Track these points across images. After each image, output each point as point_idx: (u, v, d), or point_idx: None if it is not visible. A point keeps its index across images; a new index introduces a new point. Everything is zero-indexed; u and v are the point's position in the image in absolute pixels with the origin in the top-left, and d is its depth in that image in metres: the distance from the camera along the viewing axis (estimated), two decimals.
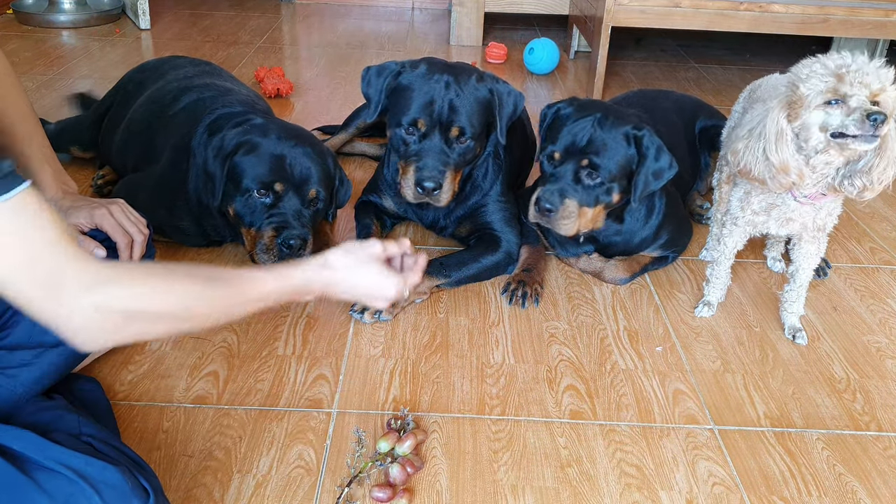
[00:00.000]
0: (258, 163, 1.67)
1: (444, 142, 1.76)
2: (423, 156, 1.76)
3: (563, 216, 1.71)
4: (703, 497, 1.32)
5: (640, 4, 3.10)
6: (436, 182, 1.74)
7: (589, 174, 1.71)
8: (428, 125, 1.75)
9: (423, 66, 1.81)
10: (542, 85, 3.49)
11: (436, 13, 4.68)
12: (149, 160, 1.95)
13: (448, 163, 1.77)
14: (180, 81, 2.06)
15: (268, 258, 1.66)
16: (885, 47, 3.88)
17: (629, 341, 1.72)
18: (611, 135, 1.70)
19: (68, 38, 3.75)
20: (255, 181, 1.67)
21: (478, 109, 1.78)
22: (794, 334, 1.74)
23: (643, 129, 1.72)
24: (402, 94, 1.78)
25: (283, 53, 3.74)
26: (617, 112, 1.76)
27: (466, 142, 1.78)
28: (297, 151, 1.71)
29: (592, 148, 1.70)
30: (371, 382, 1.54)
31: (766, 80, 1.88)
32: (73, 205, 1.41)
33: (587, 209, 1.73)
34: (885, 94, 1.37)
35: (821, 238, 1.66)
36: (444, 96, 1.75)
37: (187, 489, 1.27)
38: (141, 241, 1.46)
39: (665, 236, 1.92)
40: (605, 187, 1.72)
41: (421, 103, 1.75)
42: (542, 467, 1.36)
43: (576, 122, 1.72)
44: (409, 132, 1.77)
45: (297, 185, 1.69)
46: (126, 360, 1.56)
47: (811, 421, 1.51)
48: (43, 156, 1.43)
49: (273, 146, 1.69)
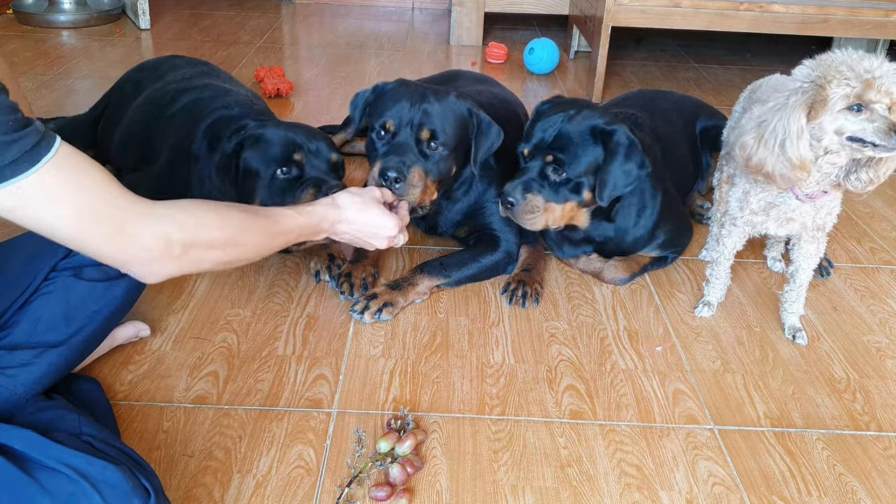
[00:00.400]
0: (268, 147, 1.67)
1: (416, 143, 1.72)
2: (390, 152, 1.71)
3: (525, 210, 1.71)
4: (703, 497, 1.32)
5: (640, 4, 3.10)
6: (398, 172, 1.65)
7: (554, 170, 1.71)
8: (397, 126, 1.72)
9: (401, 81, 1.81)
10: (542, 85, 3.49)
11: (436, 13, 4.68)
12: (148, 160, 1.95)
13: (417, 161, 1.70)
14: (178, 82, 2.06)
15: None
16: (885, 47, 3.88)
17: (629, 341, 1.72)
18: (577, 130, 1.70)
19: (68, 38, 3.75)
20: (273, 163, 1.66)
21: (452, 121, 1.74)
22: (794, 334, 1.74)
23: (615, 125, 1.70)
24: (378, 105, 1.78)
25: (283, 53, 3.75)
26: (593, 108, 1.76)
27: (439, 148, 1.72)
28: (298, 130, 1.72)
29: (557, 143, 1.70)
30: (371, 382, 1.54)
31: (767, 80, 1.88)
32: None
33: (554, 205, 1.73)
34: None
35: (820, 238, 1.66)
36: (419, 104, 1.72)
37: (187, 489, 1.27)
38: None
39: (662, 236, 1.92)
40: (573, 184, 1.71)
41: (393, 108, 1.73)
42: (542, 467, 1.36)
43: (548, 119, 1.73)
44: (379, 136, 1.74)
45: (313, 152, 1.70)
46: (126, 360, 1.56)
47: (811, 421, 1.51)
48: None
49: (275, 131, 1.70)
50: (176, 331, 1.66)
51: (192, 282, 1.83)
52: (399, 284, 1.78)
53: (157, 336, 1.64)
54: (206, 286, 1.82)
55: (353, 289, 1.78)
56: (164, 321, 1.68)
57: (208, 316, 1.71)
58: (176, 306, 1.74)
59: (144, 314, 1.69)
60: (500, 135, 1.81)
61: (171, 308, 1.73)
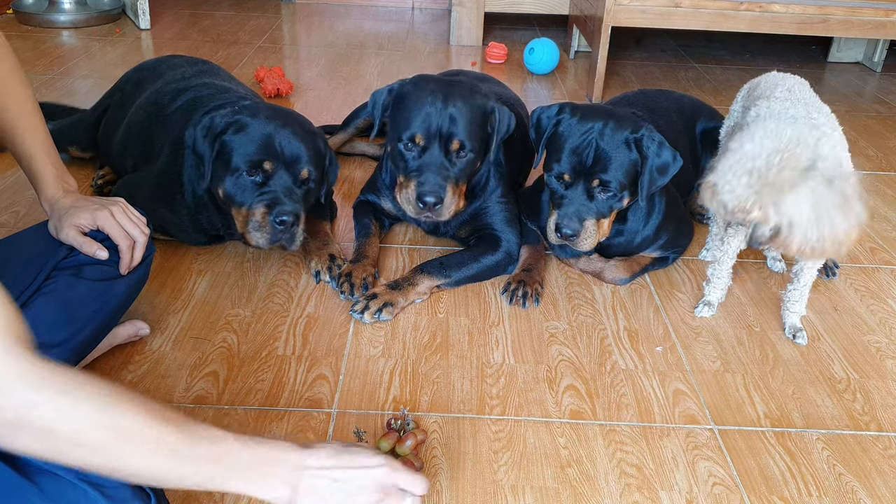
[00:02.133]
0: (247, 142, 1.66)
1: (445, 155, 1.75)
2: (424, 170, 1.74)
3: (585, 237, 1.75)
4: (703, 497, 1.32)
5: (640, 4, 3.10)
6: (437, 197, 1.72)
7: (601, 190, 1.73)
8: (426, 139, 1.74)
9: (422, 81, 1.81)
10: (542, 85, 3.49)
11: (436, 13, 4.68)
12: (147, 160, 1.95)
13: (449, 177, 1.75)
14: (178, 82, 2.06)
15: (261, 236, 1.65)
16: (885, 47, 3.88)
17: (629, 341, 1.72)
18: (613, 145, 1.72)
19: (68, 38, 3.75)
20: (244, 160, 1.65)
21: (477, 123, 1.77)
22: (795, 334, 1.74)
23: (641, 129, 1.73)
24: (401, 109, 1.78)
25: (283, 53, 3.74)
26: (615, 117, 1.76)
27: (467, 155, 1.76)
28: (286, 131, 1.69)
29: (600, 165, 1.71)
30: (371, 382, 1.54)
31: (764, 77, 1.88)
32: (73, 204, 1.41)
33: (604, 220, 1.77)
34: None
35: None
36: (443, 110, 1.73)
37: (187, 489, 1.27)
38: (143, 241, 1.46)
39: (665, 237, 1.92)
40: (617, 197, 1.75)
41: (420, 117, 1.73)
42: (542, 467, 1.36)
43: (579, 138, 1.72)
44: (407, 147, 1.75)
45: (287, 163, 1.68)
46: (126, 360, 1.56)
47: (811, 421, 1.51)
48: (45, 155, 1.43)
49: (262, 126, 1.68)
50: (176, 331, 1.66)
51: (192, 282, 1.83)
52: (399, 284, 1.78)
53: (157, 336, 1.64)
54: (206, 286, 1.82)
55: (353, 289, 1.78)
56: (164, 321, 1.68)
57: (208, 316, 1.71)
58: (176, 306, 1.74)
59: (144, 314, 1.68)
60: (511, 118, 1.84)
61: (171, 308, 1.73)
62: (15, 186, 2.21)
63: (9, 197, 2.15)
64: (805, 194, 1.32)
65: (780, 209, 1.34)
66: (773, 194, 1.33)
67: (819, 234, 1.34)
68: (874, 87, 3.68)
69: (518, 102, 2.28)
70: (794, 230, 1.34)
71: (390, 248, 2.04)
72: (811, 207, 1.33)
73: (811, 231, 1.34)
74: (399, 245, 2.06)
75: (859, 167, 2.70)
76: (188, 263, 1.90)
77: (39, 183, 1.43)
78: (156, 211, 1.77)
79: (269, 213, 1.64)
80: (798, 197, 1.32)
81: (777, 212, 1.34)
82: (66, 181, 1.45)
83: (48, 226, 1.42)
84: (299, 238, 1.70)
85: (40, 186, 1.43)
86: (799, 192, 1.32)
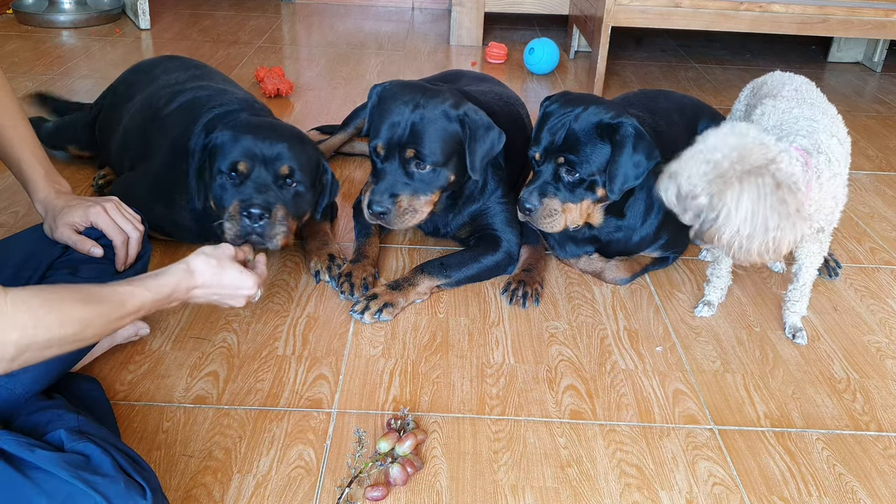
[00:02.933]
0: (229, 149, 1.68)
1: (403, 166, 1.73)
2: (380, 179, 1.74)
3: (544, 215, 1.73)
4: (703, 497, 1.32)
5: (640, 4, 3.10)
6: (383, 207, 1.71)
7: (567, 171, 1.72)
8: (386, 149, 1.73)
9: (397, 89, 1.79)
10: (542, 85, 3.49)
11: (436, 13, 4.68)
12: (145, 160, 1.95)
13: (406, 186, 1.73)
14: (174, 85, 2.06)
15: (230, 227, 1.64)
16: (885, 47, 3.88)
17: (629, 341, 1.72)
18: (585, 128, 1.70)
19: (68, 38, 3.75)
20: (224, 164, 1.67)
21: (441, 135, 1.73)
22: (795, 334, 1.74)
23: (621, 118, 1.71)
24: (375, 116, 1.78)
25: (283, 53, 3.74)
26: (600, 104, 1.75)
27: (426, 168, 1.73)
28: (266, 133, 1.70)
29: (567, 144, 1.70)
30: (371, 382, 1.54)
31: (770, 76, 1.87)
32: (66, 204, 1.42)
33: (571, 205, 1.74)
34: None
35: (822, 238, 1.66)
36: (408, 118, 1.71)
37: (187, 489, 1.27)
38: (137, 237, 1.46)
39: (665, 237, 1.92)
40: (587, 182, 1.72)
41: (382, 126, 1.73)
42: (542, 467, 1.36)
43: (556, 119, 1.73)
44: (375, 154, 1.76)
45: (264, 161, 1.67)
46: (126, 360, 1.56)
47: (811, 421, 1.51)
48: (34, 157, 1.44)
49: (244, 132, 1.70)
50: (176, 331, 1.66)
51: None
52: (399, 285, 1.78)
53: (157, 336, 1.64)
54: None
55: (353, 289, 1.78)
56: (164, 321, 1.68)
57: (208, 316, 1.71)
58: (176, 306, 1.73)
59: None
60: (500, 137, 1.79)
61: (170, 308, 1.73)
62: (15, 186, 2.21)
63: (8, 197, 2.15)
64: (748, 189, 1.35)
65: (723, 198, 1.36)
66: (720, 185, 1.36)
67: (751, 231, 1.36)
68: (874, 87, 3.68)
69: (518, 102, 2.27)
70: (729, 220, 1.37)
71: (390, 248, 2.04)
72: (751, 202, 1.35)
73: (744, 225, 1.36)
74: (399, 245, 2.06)
75: (859, 167, 2.70)
76: None
77: (30, 185, 1.44)
78: (153, 210, 1.77)
79: (240, 207, 1.64)
80: (741, 189, 1.35)
81: (720, 200, 1.36)
82: (57, 182, 1.46)
83: (43, 227, 1.42)
84: (279, 236, 1.65)
85: (31, 189, 1.44)
86: (744, 185, 1.35)
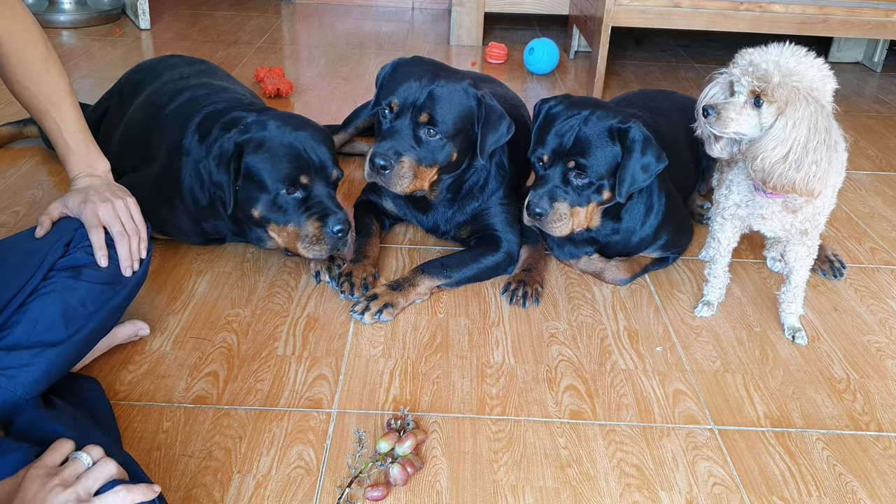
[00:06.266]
0: (275, 160, 1.64)
1: (414, 128, 1.73)
2: (387, 136, 1.73)
3: (554, 219, 1.72)
4: (703, 497, 1.32)
5: (640, 4, 3.10)
6: (386, 161, 1.69)
7: (577, 175, 1.72)
8: (400, 107, 1.73)
9: (418, 60, 1.82)
10: (542, 85, 3.49)
11: (436, 13, 4.68)
12: (146, 161, 1.95)
13: (411, 149, 1.72)
14: (175, 82, 2.06)
15: (320, 249, 1.66)
16: (885, 47, 3.88)
17: (629, 341, 1.72)
18: (595, 133, 1.71)
19: (68, 38, 3.75)
20: (279, 181, 1.64)
21: (457, 107, 1.74)
22: (794, 334, 1.74)
23: (629, 123, 1.72)
24: (391, 80, 1.79)
25: (283, 53, 3.74)
26: (605, 108, 1.76)
27: (437, 136, 1.73)
28: (304, 136, 1.69)
29: (578, 148, 1.71)
30: (371, 382, 1.54)
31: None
32: (90, 185, 1.45)
33: (579, 209, 1.75)
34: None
35: (807, 241, 1.67)
36: (426, 85, 1.72)
37: (187, 489, 1.27)
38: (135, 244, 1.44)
39: (665, 237, 1.92)
40: (595, 186, 1.73)
41: (401, 88, 1.74)
42: (542, 467, 1.36)
43: (563, 122, 1.73)
44: (383, 114, 1.76)
45: (318, 170, 1.68)
46: (126, 360, 1.56)
47: (811, 421, 1.51)
48: (72, 137, 1.48)
49: (280, 138, 1.66)
50: (176, 331, 1.66)
51: (192, 282, 1.83)
52: (399, 285, 1.78)
53: (157, 336, 1.64)
54: (206, 286, 1.82)
55: (353, 289, 1.78)
56: (164, 321, 1.68)
57: (208, 316, 1.71)
58: (176, 306, 1.74)
59: (144, 314, 1.69)
60: (510, 128, 1.81)
61: (171, 308, 1.73)
62: (15, 186, 2.21)
63: (9, 197, 2.15)
64: (809, 114, 1.39)
65: (789, 105, 1.39)
66: (788, 92, 1.40)
67: (799, 157, 1.39)
68: (874, 87, 3.68)
69: (519, 103, 2.27)
70: (788, 133, 1.40)
71: (391, 248, 2.04)
72: (807, 127, 1.39)
73: (797, 146, 1.38)
74: (399, 245, 2.06)
75: (859, 167, 2.70)
76: (188, 263, 1.90)
77: (64, 164, 1.50)
78: (154, 211, 1.76)
79: (322, 226, 1.65)
80: (805, 110, 1.39)
81: (784, 102, 1.40)
82: (91, 165, 1.49)
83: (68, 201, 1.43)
84: (351, 240, 1.73)
85: (66, 168, 1.50)
86: (808, 108, 1.39)
